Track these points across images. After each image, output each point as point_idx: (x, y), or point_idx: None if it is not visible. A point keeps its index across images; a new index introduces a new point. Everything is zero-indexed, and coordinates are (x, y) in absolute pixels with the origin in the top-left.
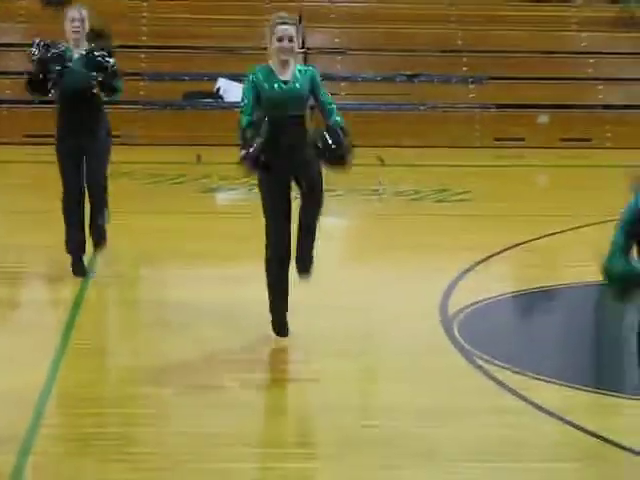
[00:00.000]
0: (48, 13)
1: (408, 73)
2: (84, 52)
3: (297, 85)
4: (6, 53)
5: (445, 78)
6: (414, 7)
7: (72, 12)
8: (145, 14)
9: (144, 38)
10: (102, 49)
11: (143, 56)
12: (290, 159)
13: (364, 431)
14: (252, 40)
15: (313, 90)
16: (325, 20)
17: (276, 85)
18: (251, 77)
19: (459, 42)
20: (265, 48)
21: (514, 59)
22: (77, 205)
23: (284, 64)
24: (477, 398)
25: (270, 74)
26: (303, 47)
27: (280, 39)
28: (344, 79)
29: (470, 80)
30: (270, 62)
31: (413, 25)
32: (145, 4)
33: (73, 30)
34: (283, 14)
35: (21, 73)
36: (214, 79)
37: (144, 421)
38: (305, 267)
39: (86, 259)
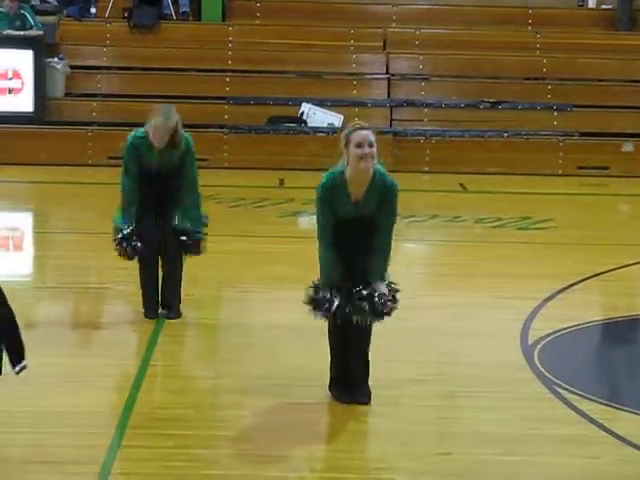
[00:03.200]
0: (135, 36)
1: (492, 100)
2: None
3: (371, 205)
4: (93, 75)
5: (529, 105)
6: (499, 34)
7: (161, 126)
8: (231, 38)
9: (229, 62)
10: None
11: (228, 80)
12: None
13: (437, 459)
14: (336, 66)
15: (379, 206)
16: (409, 46)
17: (348, 207)
18: (321, 194)
19: (544, 69)
20: (350, 74)
21: (599, 87)
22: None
23: (362, 177)
24: (557, 427)
25: (341, 192)
26: (387, 73)
27: (359, 145)
28: (427, 105)
29: (554, 107)
30: (345, 172)
31: (497, 52)
32: (231, 28)
33: (156, 140)
34: (358, 122)
35: (108, 95)
36: (298, 104)
37: (224, 443)
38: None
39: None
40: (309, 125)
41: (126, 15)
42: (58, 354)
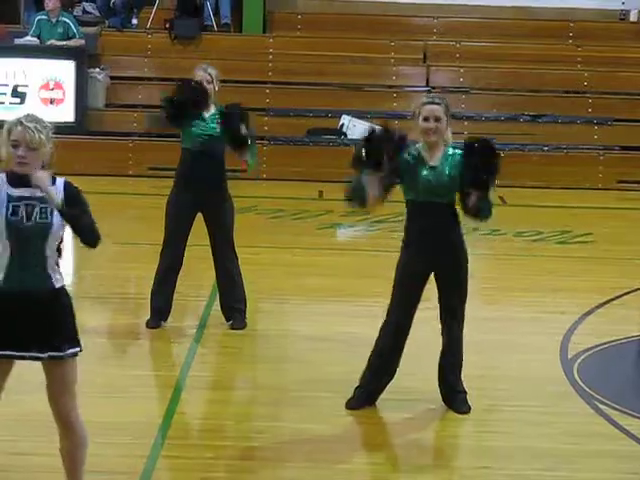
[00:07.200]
0: (176, 47)
1: (532, 113)
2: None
3: (445, 171)
4: (134, 86)
5: (569, 119)
6: (539, 47)
7: (200, 73)
8: (271, 50)
9: (270, 74)
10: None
11: (268, 92)
12: (429, 249)
13: (476, 472)
14: (377, 78)
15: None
16: (449, 59)
17: (424, 171)
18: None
19: (584, 83)
20: (390, 86)
21: None
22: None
23: (431, 146)
24: (597, 443)
25: (418, 158)
26: (427, 86)
27: (426, 119)
28: (467, 118)
29: (595, 121)
30: (419, 143)
31: (538, 65)
32: (271, 40)
33: None
34: (433, 94)
35: (148, 106)
36: (338, 116)
37: (262, 454)
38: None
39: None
40: (349, 137)
41: (167, 26)
42: (97, 365)
